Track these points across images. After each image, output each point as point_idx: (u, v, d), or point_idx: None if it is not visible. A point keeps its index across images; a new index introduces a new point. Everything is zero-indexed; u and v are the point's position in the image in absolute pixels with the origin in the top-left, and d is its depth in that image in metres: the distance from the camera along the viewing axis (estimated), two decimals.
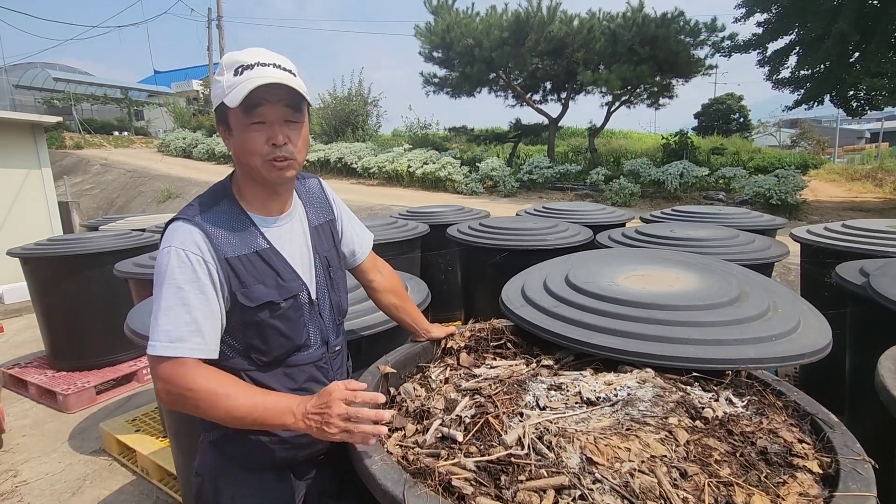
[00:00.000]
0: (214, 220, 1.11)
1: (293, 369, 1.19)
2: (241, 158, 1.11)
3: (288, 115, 1.08)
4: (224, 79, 1.06)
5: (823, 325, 1.44)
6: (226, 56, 1.09)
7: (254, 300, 1.10)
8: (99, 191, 14.45)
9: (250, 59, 1.05)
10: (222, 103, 1.06)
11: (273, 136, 1.07)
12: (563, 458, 0.91)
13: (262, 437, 1.16)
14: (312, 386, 1.21)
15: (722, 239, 2.77)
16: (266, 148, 1.07)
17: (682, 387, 1.20)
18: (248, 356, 1.14)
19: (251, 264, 1.11)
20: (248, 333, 1.12)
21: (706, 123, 20.64)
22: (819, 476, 0.91)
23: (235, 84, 1.03)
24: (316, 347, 1.22)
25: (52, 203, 7.05)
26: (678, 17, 11.33)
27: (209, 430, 1.22)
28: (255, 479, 1.20)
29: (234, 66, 1.05)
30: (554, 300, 1.63)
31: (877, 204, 10.23)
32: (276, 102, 1.06)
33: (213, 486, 1.20)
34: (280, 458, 1.19)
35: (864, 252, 2.59)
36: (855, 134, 35.35)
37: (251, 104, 1.04)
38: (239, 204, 1.16)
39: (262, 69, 1.05)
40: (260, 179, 1.12)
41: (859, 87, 11.19)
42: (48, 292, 3.90)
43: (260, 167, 1.09)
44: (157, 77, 32.67)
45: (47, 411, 3.59)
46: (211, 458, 1.21)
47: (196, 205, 1.13)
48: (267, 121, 1.07)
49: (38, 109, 22.25)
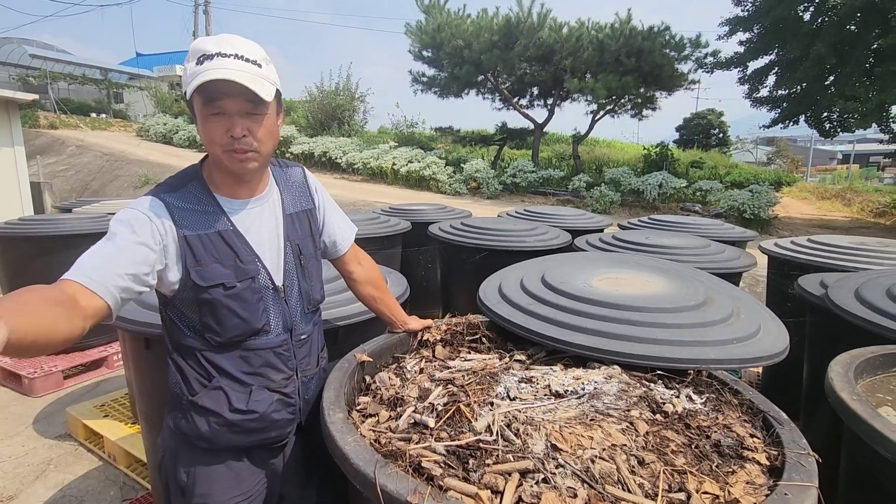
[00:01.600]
0: (181, 199, 1.12)
1: (249, 353, 1.19)
2: (205, 145, 1.12)
3: (248, 109, 1.06)
4: (189, 66, 1.05)
5: (782, 332, 1.51)
6: (194, 42, 1.06)
7: (206, 279, 1.11)
8: (73, 173, 14.07)
9: (213, 49, 1.03)
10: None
11: (231, 128, 1.05)
12: (530, 445, 0.96)
13: (209, 418, 1.17)
14: (268, 372, 1.21)
15: (694, 248, 2.87)
16: (225, 138, 1.06)
17: (646, 383, 1.26)
18: (202, 336, 1.15)
19: (211, 243, 1.12)
20: (203, 311, 1.13)
21: (687, 137, 21.09)
22: (766, 467, 0.97)
23: (196, 73, 1.01)
24: (276, 334, 1.22)
25: (23, 182, 6.86)
26: (664, 31, 11.59)
27: (167, 413, 1.24)
28: (210, 459, 1.21)
29: (197, 54, 1.03)
30: (530, 298, 1.68)
31: (844, 222, 10.62)
32: (235, 96, 1.04)
33: (173, 461, 1.23)
34: (229, 442, 1.20)
35: (825, 266, 2.71)
36: (828, 154, 36.54)
37: (210, 97, 1.03)
38: (207, 186, 1.17)
39: (221, 60, 1.02)
40: (223, 167, 1.14)
41: (833, 110, 11.62)
42: (18, 273, 3.80)
43: (221, 156, 1.09)
44: (139, 60, 31.83)
45: (11, 394, 3.50)
46: (169, 435, 1.24)
47: (165, 184, 1.15)
48: (226, 112, 1.05)
49: (13, 86, 21.46)
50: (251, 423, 1.20)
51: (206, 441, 1.18)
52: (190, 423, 1.18)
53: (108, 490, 2.51)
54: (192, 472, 1.20)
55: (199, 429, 1.17)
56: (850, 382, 1.31)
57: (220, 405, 1.16)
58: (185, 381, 1.18)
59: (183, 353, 1.18)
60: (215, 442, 1.19)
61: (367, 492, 0.87)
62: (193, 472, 1.20)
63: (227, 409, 1.17)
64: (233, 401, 1.17)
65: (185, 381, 1.18)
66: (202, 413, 1.17)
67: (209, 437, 1.18)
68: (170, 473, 1.22)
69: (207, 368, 1.16)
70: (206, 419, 1.17)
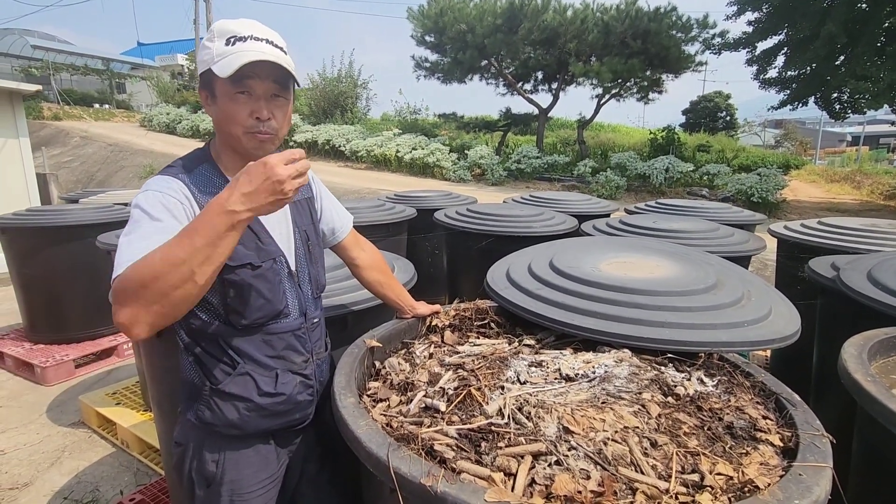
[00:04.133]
0: (195, 179, 1.11)
1: (272, 336, 1.20)
2: (222, 126, 1.11)
3: (275, 91, 1.09)
4: (214, 46, 1.05)
5: (793, 314, 1.50)
6: (218, 23, 1.08)
7: (234, 259, 1.09)
8: (78, 164, 14.11)
9: (244, 31, 1.05)
10: (210, 70, 1.05)
11: (258, 110, 1.07)
12: (541, 428, 0.95)
13: (238, 405, 1.17)
14: (290, 354, 1.22)
15: (702, 231, 2.84)
16: (249, 120, 1.08)
17: (656, 367, 1.25)
18: (226, 320, 1.14)
19: None
20: (227, 293, 1.12)
21: (693, 120, 20.84)
22: (780, 448, 0.97)
23: (226, 54, 1.03)
24: (294, 317, 1.23)
25: (30, 174, 6.87)
26: (671, 12, 11.40)
27: (186, 404, 1.23)
28: (239, 445, 1.22)
29: (226, 34, 1.05)
30: (538, 283, 1.67)
31: (853, 206, 10.51)
32: (265, 78, 1.06)
33: (197, 453, 1.22)
34: (258, 426, 1.20)
35: (836, 248, 2.68)
36: (837, 137, 36.05)
37: (240, 76, 1.04)
38: (218, 168, 1.16)
39: (255, 43, 1.05)
40: (239, 148, 1.13)
41: (843, 90, 11.43)
42: (27, 264, 3.83)
43: (241, 136, 1.09)
44: (141, 49, 31.70)
45: (24, 384, 3.55)
46: (191, 427, 1.23)
47: (177, 165, 1.14)
48: (253, 94, 1.07)
49: (16, 78, 21.46)
50: (279, 405, 1.20)
51: (236, 428, 1.19)
52: (216, 412, 1.17)
53: (123, 476, 2.55)
54: (221, 461, 1.20)
55: (228, 416, 1.17)
56: (865, 364, 1.30)
57: (248, 390, 1.17)
58: (205, 370, 1.18)
59: (202, 342, 1.17)
60: (245, 428, 1.19)
61: (381, 475, 0.87)
62: (222, 461, 1.20)
63: (256, 393, 1.17)
64: (261, 385, 1.18)
65: (205, 371, 1.18)
66: (230, 400, 1.17)
67: (239, 424, 1.18)
68: (194, 466, 1.21)
69: (231, 354, 1.16)
70: (234, 406, 1.17)
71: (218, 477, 1.20)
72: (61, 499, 2.38)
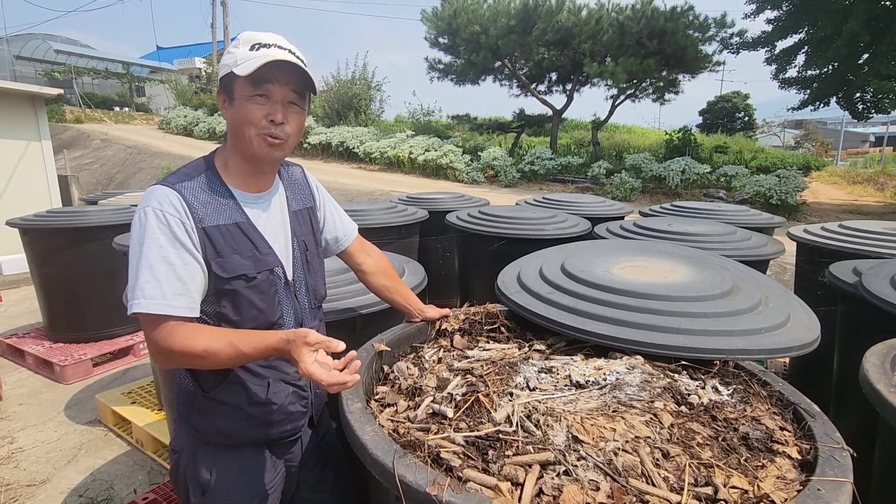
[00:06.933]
0: (195, 189, 1.12)
1: None
2: (235, 128, 1.12)
3: (292, 98, 1.13)
4: (239, 51, 1.09)
5: (813, 321, 1.46)
6: (245, 33, 1.13)
7: (228, 271, 1.11)
8: (98, 166, 14.40)
9: (269, 40, 1.10)
10: (231, 72, 1.08)
11: (273, 113, 1.11)
12: (550, 436, 0.94)
13: (228, 413, 1.17)
14: (282, 364, 1.21)
15: (719, 234, 2.78)
16: (264, 122, 1.10)
17: (670, 374, 1.23)
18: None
19: (230, 234, 1.12)
20: (222, 302, 1.12)
21: (711, 121, 20.50)
22: (798, 461, 0.94)
23: (250, 57, 1.07)
24: (289, 327, 1.22)
25: (51, 176, 7.03)
26: (688, 11, 11.24)
27: (181, 411, 1.23)
28: (234, 455, 1.21)
29: (251, 41, 1.10)
30: (549, 287, 1.65)
31: (877, 208, 10.25)
32: (283, 84, 1.10)
33: (192, 461, 1.21)
34: (248, 436, 1.20)
35: (858, 252, 2.61)
36: (859, 137, 35.20)
37: (260, 79, 1.07)
38: (220, 177, 1.17)
39: (278, 51, 1.09)
40: (248, 152, 1.14)
41: (866, 90, 11.15)
42: (47, 264, 3.91)
43: (252, 137, 1.11)
44: (159, 53, 32.34)
45: (44, 381, 3.62)
46: (185, 435, 1.23)
47: (178, 174, 1.15)
48: (271, 97, 1.10)
49: (39, 81, 21.99)
50: (270, 415, 1.20)
51: (225, 436, 1.19)
52: (207, 419, 1.18)
53: (137, 474, 2.58)
54: (214, 469, 1.20)
55: (218, 424, 1.17)
56: (887, 373, 1.26)
57: (239, 398, 1.17)
58: (197, 377, 1.18)
59: None
60: (235, 437, 1.19)
61: (386, 482, 0.86)
62: (215, 469, 1.20)
63: (246, 402, 1.17)
64: (252, 393, 1.18)
65: (197, 378, 1.18)
66: (220, 407, 1.17)
67: (228, 433, 1.18)
68: (189, 473, 1.21)
69: None
70: (224, 414, 1.17)
71: (211, 485, 1.19)
72: (77, 497, 2.42)
